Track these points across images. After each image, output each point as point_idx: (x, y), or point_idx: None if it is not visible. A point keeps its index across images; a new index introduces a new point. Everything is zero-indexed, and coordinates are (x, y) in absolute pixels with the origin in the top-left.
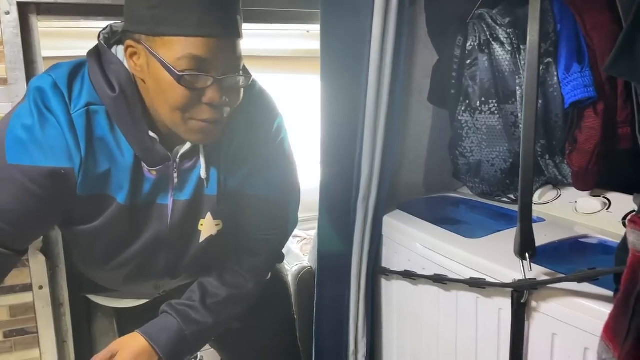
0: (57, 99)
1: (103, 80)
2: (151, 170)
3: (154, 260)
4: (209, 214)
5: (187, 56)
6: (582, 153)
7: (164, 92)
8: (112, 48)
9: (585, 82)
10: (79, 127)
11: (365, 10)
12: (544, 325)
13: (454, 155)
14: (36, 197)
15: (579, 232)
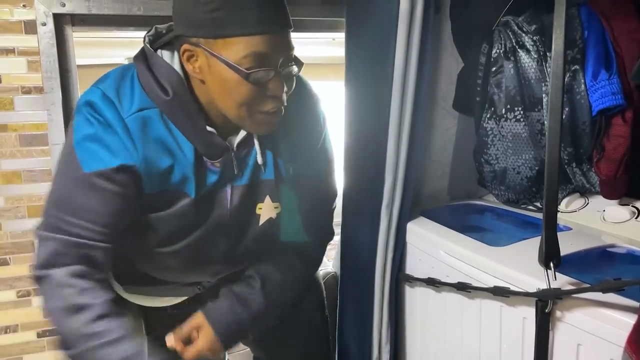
0: (108, 108)
1: (155, 84)
2: (214, 163)
3: (214, 245)
4: (267, 197)
5: (251, 54)
6: (610, 161)
7: (230, 90)
8: (157, 51)
9: (613, 89)
10: (133, 131)
11: (389, 18)
12: (568, 335)
13: (479, 163)
14: (117, 195)
15: (606, 241)
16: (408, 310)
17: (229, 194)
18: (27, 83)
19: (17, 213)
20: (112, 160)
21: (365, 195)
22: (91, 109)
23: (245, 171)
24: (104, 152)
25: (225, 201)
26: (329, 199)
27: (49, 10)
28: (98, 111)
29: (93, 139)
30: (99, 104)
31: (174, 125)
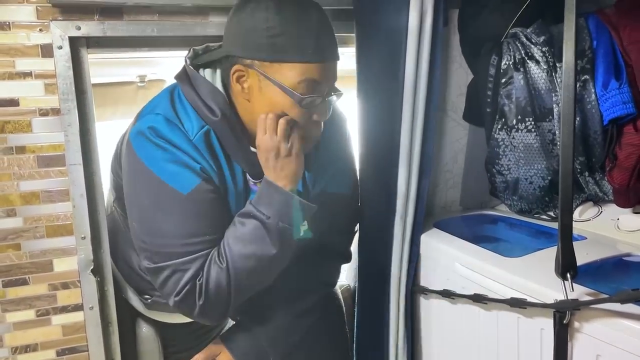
0: (174, 132)
1: (202, 105)
2: (256, 183)
3: None
4: None
5: (306, 80)
6: (623, 170)
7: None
8: (199, 71)
9: (623, 98)
10: (202, 149)
11: (399, 31)
12: (587, 346)
13: (491, 173)
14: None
15: (621, 250)
16: (424, 322)
17: None
18: (44, 105)
19: (36, 233)
20: (199, 174)
21: (379, 207)
22: (157, 135)
23: None
24: (189, 171)
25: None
26: (355, 216)
27: (65, 34)
28: (165, 137)
29: (174, 162)
30: (164, 130)
31: (222, 144)
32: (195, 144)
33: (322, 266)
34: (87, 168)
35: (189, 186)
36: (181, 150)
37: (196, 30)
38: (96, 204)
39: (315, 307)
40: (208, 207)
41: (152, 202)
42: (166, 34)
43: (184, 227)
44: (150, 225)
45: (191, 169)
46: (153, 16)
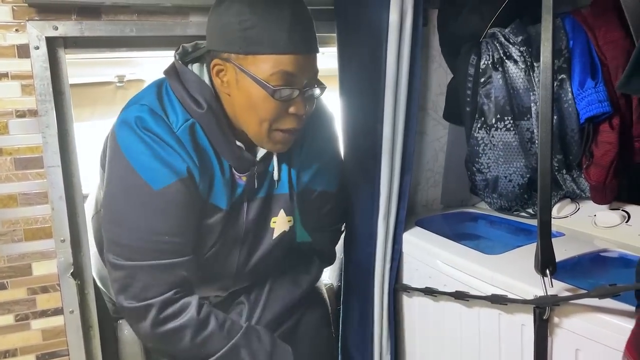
0: (158, 124)
1: (188, 97)
2: (242, 177)
3: (227, 259)
4: (281, 211)
5: (279, 72)
6: (600, 167)
7: (254, 106)
8: (188, 65)
9: (599, 97)
10: (185, 142)
11: (379, 32)
12: (567, 341)
13: (471, 172)
14: (189, 204)
15: (598, 246)
16: (407, 320)
17: (246, 207)
18: (21, 106)
19: (14, 237)
20: (177, 172)
21: (363, 207)
22: (142, 126)
23: (263, 185)
24: (167, 167)
25: (242, 214)
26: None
27: (42, 34)
28: (149, 128)
29: (153, 157)
30: (149, 121)
31: (208, 137)
32: (178, 137)
33: (304, 265)
34: (66, 170)
35: (162, 183)
36: (164, 143)
37: (176, 31)
38: (75, 206)
39: (299, 306)
40: (177, 207)
41: (122, 191)
42: (145, 34)
43: (149, 222)
44: (115, 213)
45: (170, 167)
46: (132, 16)
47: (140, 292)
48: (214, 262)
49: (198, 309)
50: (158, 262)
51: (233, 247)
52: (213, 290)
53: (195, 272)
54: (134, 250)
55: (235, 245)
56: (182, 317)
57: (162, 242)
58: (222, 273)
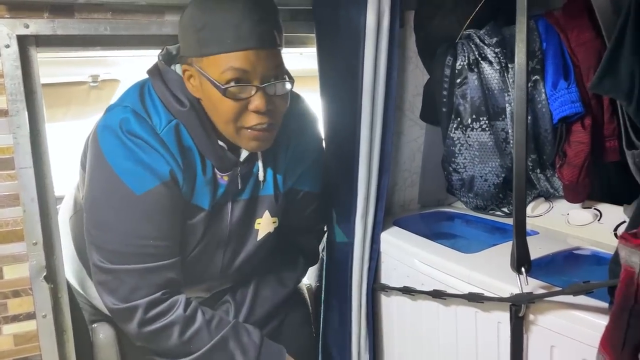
0: (141, 126)
1: (171, 96)
2: (223, 176)
3: (212, 261)
4: (266, 212)
5: (229, 69)
6: (572, 167)
7: (215, 106)
8: (171, 66)
9: (572, 97)
10: (170, 143)
11: (357, 32)
12: (542, 337)
13: (447, 171)
14: (172, 207)
15: (571, 243)
16: (385, 319)
17: (230, 208)
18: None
19: None
20: (159, 176)
21: (341, 206)
22: (125, 130)
23: (247, 186)
24: (149, 171)
25: (226, 216)
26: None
27: (13, 32)
28: (133, 132)
29: (135, 161)
30: (132, 123)
31: (192, 136)
32: (162, 138)
33: (289, 264)
34: (38, 171)
35: (144, 187)
36: (147, 145)
37: (151, 29)
38: (48, 208)
39: (284, 306)
40: (160, 211)
41: (104, 196)
42: (120, 33)
43: (131, 226)
44: (98, 219)
45: (152, 171)
46: (106, 14)
47: (128, 295)
48: (198, 263)
49: (185, 306)
50: (145, 266)
51: (217, 248)
52: (196, 291)
53: (182, 273)
54: (120, 255)
55: (219, 246)
56: (170, 316)
57: (148, 245)
58: (206, 274)
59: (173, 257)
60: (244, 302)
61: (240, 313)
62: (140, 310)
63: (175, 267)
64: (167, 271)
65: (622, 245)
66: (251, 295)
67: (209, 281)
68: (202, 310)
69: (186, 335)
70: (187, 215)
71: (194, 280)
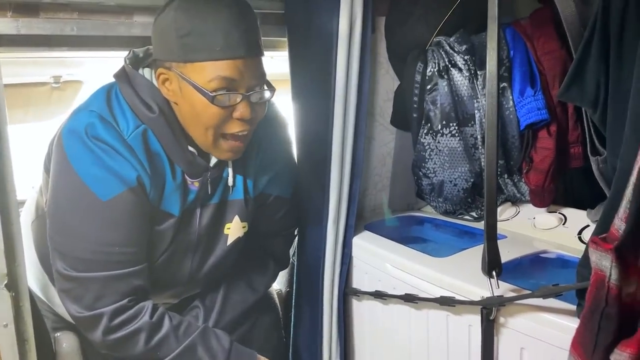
0: (108, 131)
1: (139, 102)
2: (194, 182)
3: (180, 266)
4: (236, 217)
5: (217, 78)
6: (539, 172)
7: (198, 113)
8: (140, 70)
9: (538, 105)
10: (137, 148)
11: (329, 36)
12: (512, 340)
13: (417, 176)
14: (138, 214)
15: (538, 247)
16: (356, 324)
17: (199, 213)
18: None
19: None
20: (126, 182)
21: (313, 211)
22: (91, 135)
23: (216, 191)
24: (115, 177)
25: (195, 221)
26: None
27: None
28: (99, 137)
29: (101, 167)
30: (98, 128)
31: (160, 142)
32: (129, 144)
33: (259, 268)
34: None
35: (110, 193)
36: (113, 151)
37: (119, 30)
38: (9, 213)
39: (254, 310)
40: (127, 217)
41: (69, 202)
42: (87, 34)
43: (98, 233)
44: (62, 225)
45: (118, 176)
46: (72, 14)
47: (92, 303)
48: (165, 269)
49: (152, 313)
50: (110, 273)
51: (185, 254)
52: (165, 297)
53: (149, 279)
54: (85, 263)
55: (188, 252)
56: (135, 323)
57: (114, 253)
58: (173, 280)
59: (140, 264)
60: (213, 307)
61: (210, 318)
62: (105, 318)
63: (142, 273)
64: (133, 278)
65: (592, 249)
66: (221, 300)
67: (177, 287)
68: (169, 316)
69: (153, 342)
70: (155, 221)
71: (162, 286)
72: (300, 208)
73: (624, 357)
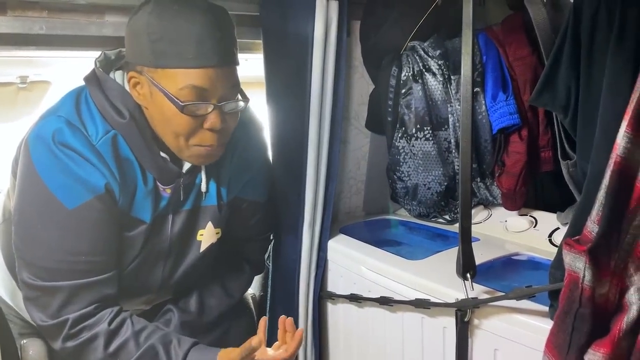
0: (75, 137)
1: (110, 107)
2: (166, 189)
3: (153, 271)
4: (209, 224)
5: (188, 87)
6: (510, 176)
7: (168, 120)
8: (110, 73)
9: (510, 109)
10: (106, 155)
11: (305, 39)
12: (486, 341)
13: (392, 179)
14: (107, 221)
15: (510, 249)
16: (331, 327)
17: (171, 219)
18: None
19: None
20: (93, 189)
21: (288, 215)
22: (58, 141)
23: (190, 197)
24: (82, 184)
25: (167, 227)
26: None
27: None
28: (66, 143)
29: (67, 174)
30: (66, 134)
31: (130, 148)
32: (98, 150)
33: (234, 273)
34: None
35: (76, 201)
36: (81, 158)
37: (90, 30)
38: None
39: (229, 315)
40: (94, 226)
41: (34, 210)
42: (56, 33)
43: (64, 242)
44: (27, 233)
45: (85, 184)
46: (41, 13)
47: (57, 311)
48: (137, 276)
49: (112, 319)
50: (76, 282)
51: (157, 260)
52: (137, 303)
53: (118, 286)
54: (50, 272)
55: (160, 258)
56: (93, 329)
57: (80, 262)
58: (145, 287)
59: (108, 272)
60: (187, 311)
61: (184, 324)
62: (68, 325)
63: (110, 281)
64: (100, 286)
65: (566, 251)
66: (195, 305)
67: (148, 293)
68: (132, 321)
69: (111, 348)
70: (125, 228)
71: (133, 293)
72: (275, 212)
73: (598, 356)
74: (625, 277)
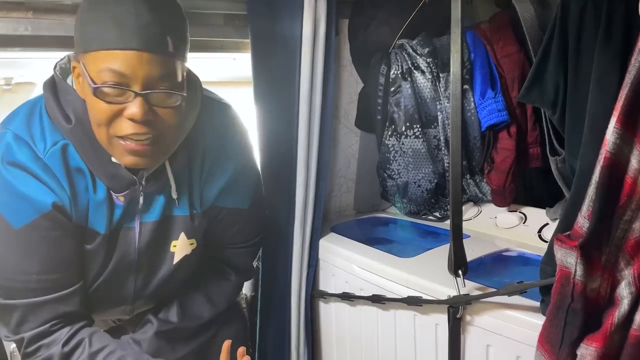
0: (22, 151)
1: (59, 113)
2: (119, 197)
3: (123, 284)
4: (182, 234)
5: (106, 69)
6: (500, 172)
7: (90, 106)
8: (68, 78)
9: (498, 106)
10: (55, 167)
11: (293, 39)
12: (478, 337)
13: (382, 178)
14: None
15: (500, 246)
16: (324, 326)
17: (137, 231)
18: None
19: None
20: (39, 208)
21: (279, 215)
22: (5, 160)
23: (155, 206)
24: (28, 203)
25: (133, 239)
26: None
27: None
28: (12, 160)
29: (11, 193)
30: (12, 149)
31: (79, 155)
32: (46, 163)
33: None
34: None
35: (22, 220)
36: (26, 174)
37: None
38: None
39: (211, 323)
40: (43, 244)
41: None
42: (42, 34)
43: (11, 261)
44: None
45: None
46: (26, 13)
47: (16, 327)
48: (107, 289)
49: (67, 341)
50: (30, 301)
51: (127, 273)
52: (114, 314)
53: (82, 301)
54: (6, 290)
55: (129, 271)
56: (50, 349)
57: (32, 280)
58: (118, 299)
59: (65, 288)
60: (168, 322)
61: (159, 334)
62: (24, 344)
63: (70, 297)
64: (58, 304)
65: (557, 246)
66: (177, 315)
67: (123, 304)
68: (90, 341)
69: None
70: (84, 240)
71: (107, 305)
72: (265, 214)
73: (590, 351)
74: (616, 272)
